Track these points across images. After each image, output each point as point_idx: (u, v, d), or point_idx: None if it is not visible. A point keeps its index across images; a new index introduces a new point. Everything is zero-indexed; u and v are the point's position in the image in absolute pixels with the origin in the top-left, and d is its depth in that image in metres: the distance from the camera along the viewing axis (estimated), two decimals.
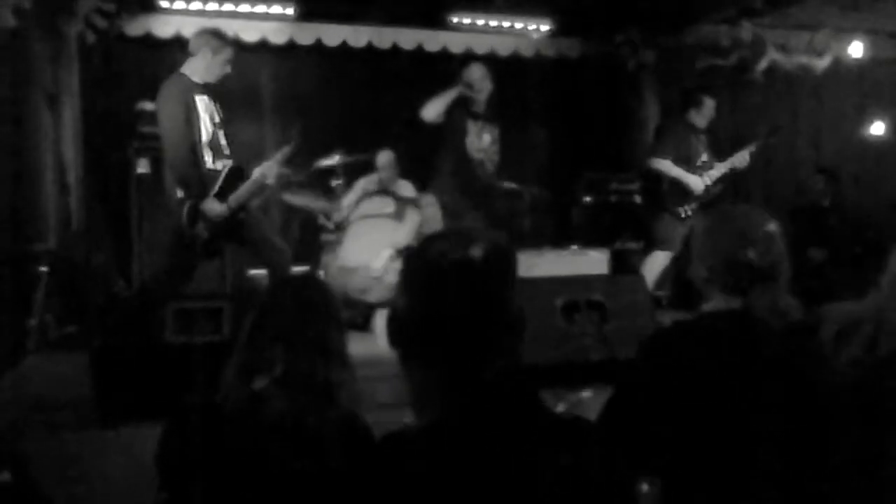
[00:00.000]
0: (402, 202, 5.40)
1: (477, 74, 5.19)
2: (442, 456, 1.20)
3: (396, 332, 1.31)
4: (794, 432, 1.46)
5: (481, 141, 5.21)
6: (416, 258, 1.35)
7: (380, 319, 4.92)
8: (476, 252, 1.29)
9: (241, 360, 1.83)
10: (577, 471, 1.24)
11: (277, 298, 1.91)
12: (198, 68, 4.37)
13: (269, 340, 1.82)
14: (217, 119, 4.43)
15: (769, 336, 1.67)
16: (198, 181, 4.29)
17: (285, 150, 4.57)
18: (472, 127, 5.18)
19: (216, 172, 4.34)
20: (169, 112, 4.27)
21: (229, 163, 4.41)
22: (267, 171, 4.46)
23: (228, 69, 4.44)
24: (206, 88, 4.40)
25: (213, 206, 4.27)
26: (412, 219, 5.37)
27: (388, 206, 5.35)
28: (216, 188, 4.32)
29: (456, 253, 1.28)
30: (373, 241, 5.17)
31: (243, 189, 4.39)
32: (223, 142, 4.44)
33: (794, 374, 1.53)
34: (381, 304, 4.96)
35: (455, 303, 1.25)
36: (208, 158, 4.35)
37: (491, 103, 5.30)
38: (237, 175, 4.41)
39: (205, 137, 4.36)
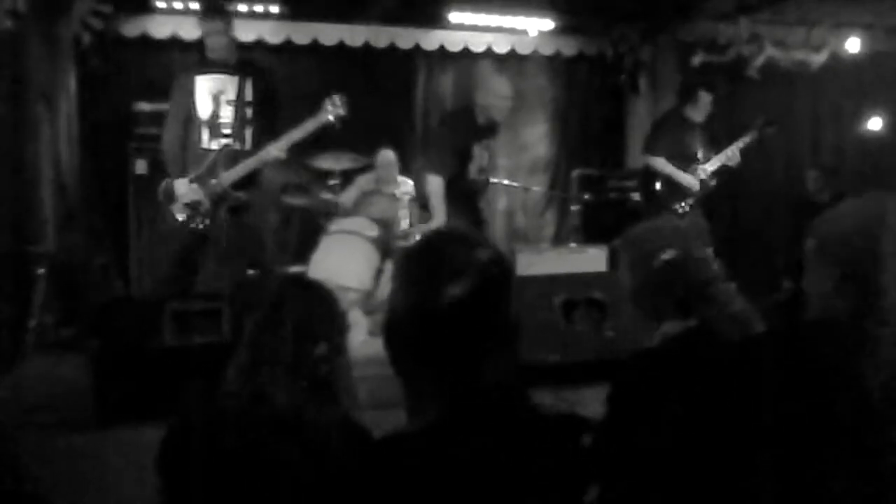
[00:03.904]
0: (386, 233, 5.30)
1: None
2: (438, 457, 1.20)
3: (394, 333, 1.31)
4: (770, 444, 1.46)
5: (482, 160, 5.17)
6: (415, 260, 1.34)
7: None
8: (475, 254, 1.28)
9: (245, 360, 1.83)
10: (572, 469, 1.24)
11: (282, 299, 1.90)
12: (208, 48, 4.42)
13: (273, 340, 1.82)
14: (231, 97, 4.36)
15: (726, 350, 1.68)
16: (180, 160, 4.29)
17: (315, 124, 4.42)
18: (477, 149, 5.11)
19: (209, 152, 4.30)
20: (172, 92, 4.40)
21: (226, 142, 4.33)
22: (277, 147, 4.33)
23: (223, 39, 4.38)
24: (230, 67, 4.39)
25: (180, 186, 4.23)
26: (389, 253, 5.21)
27: (372, 230, 5.24)
28: (203, 168, 4.27)
29: (455, 255, 1.28)
30: (341, 260, 5.02)
31: (241, 166, 4.30)
32: (224, 120, 4.35)
33: (755, 380, 1.52)
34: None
35: (454, 304, 1.25)
36: (205, 137, 4.31)
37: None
38: (232, 156, 4.32)
39: (203, 116, 4.32)
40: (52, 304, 4.85)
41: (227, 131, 4.35)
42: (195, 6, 6.15)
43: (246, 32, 6.41)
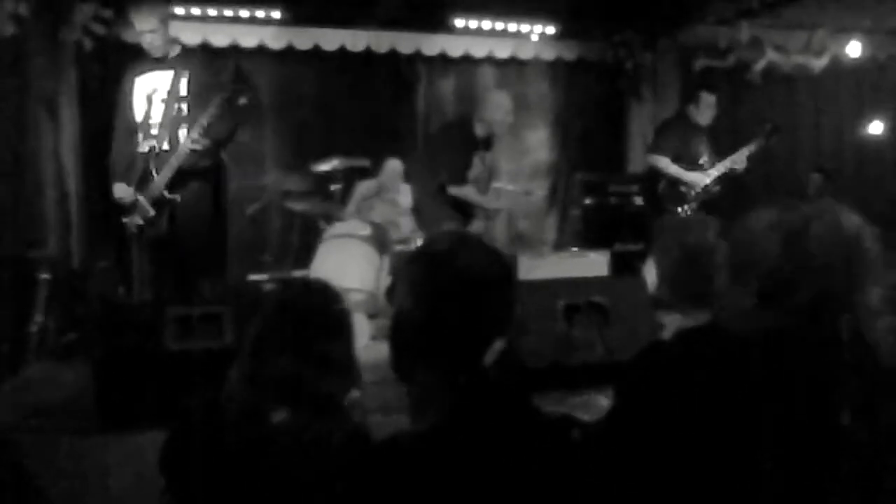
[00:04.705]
0: (380, 231, 5.30)
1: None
2: (440, 460, 1.20)
3: (401, 335, 1.31)
4: (786, 436, 1.46)
5: (478, 169, 5.19)
6: (422, 263, 1.34)
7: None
8: (483, 260, 1.29)
9: (246, 369, 1.81)
10: (571, 471, 1.24)
11: (284, 306, 1.87)
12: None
13: (274, 349, 1.80)
14: (163, 94, 4.15)
15: (741, 346, 1.67)
16: (123, 169, 4.18)
17: (216, 104, 4.03)
18: (476, 159, 5.14)
19: (141, 155, 4.15)
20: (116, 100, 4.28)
21: (152, 144, 4.13)
22: (191, 139, 4.05)
23: (158, 36, 4.17)
24: (165, 62, 4.22)
25: (118, 190, 4.13)
26: (385, 249, 5.23)
27: (364, 229, 5.24)
28: (140, 174, 4.12)
29: (462, 258, 1.29)
30: (340, 263, 5.00)
31: (167, 167, 4.07)
32: (154, 121, 4.16)
33: (771, 377, 1.52)
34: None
35: (461, 307, 1.25)
36: (140, 140, 4.17)
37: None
38: (164, 157, 4.10)
39: (139, 118, 4.18)
40: (54, 310, 4.84)
41: (154, 132, 4.15)
42: (197, 12, 6.18)
43: (247, 38, 6.43)
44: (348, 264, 5.01)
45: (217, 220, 4.41)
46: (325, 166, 6.08)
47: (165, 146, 4.13)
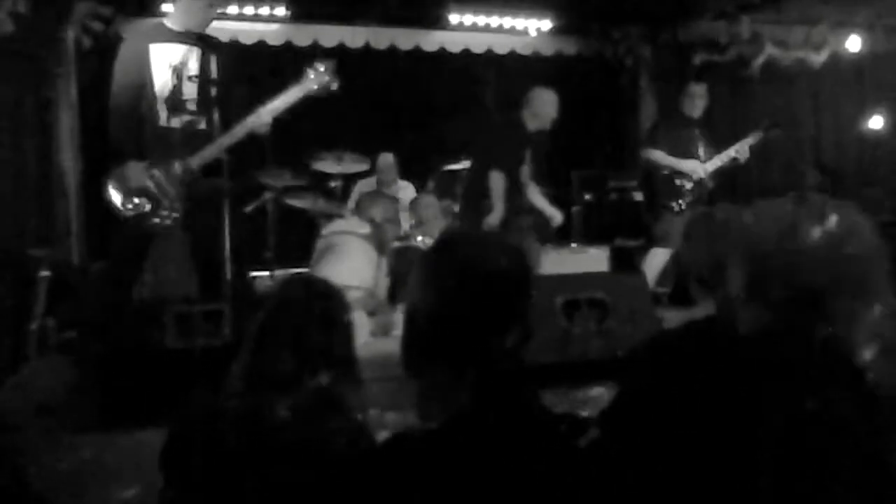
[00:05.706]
0: (379, 229, 5.30)
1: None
2: (449, 457, 1.20)
3: (414, 330, 1.31)
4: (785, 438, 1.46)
5: (528, 169, 5.28)
6: (439, 260, 1.34)
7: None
8: (500, 256, 1.29)
9: (247, 366, 1.81)
10: (577, 469, 1.24)
11: (285, 303, 1.87)
12: (177, 15, 3.92)
13: (275, 347, 1.80)
14: (193, 72, 3.83)
15: (736, 340, 1.67)
16: (135, 141, 3.79)
17: (290, 95, 3.90)
18: (529, 154, 5.23)
19: (169, 131, 3.81)
20: (117, 59, 3.92)
21: (190, 119, 3.83)
22: (257, 117, 3.80)
23: (213, 13, 3.94)
24: (192, 38, 3.89)
25: (133, 172, 3.73)
26: (384, 248, 5.23)
27: (363, 227, 5.23)
28: (165, 149, 3.78)
29: (481, 257, 1.29)
30: (340, 260, 5.01)
31: (214, 146, 3.76)
32: (187, 97, 3.82)
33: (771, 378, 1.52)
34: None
35: (475, 303, 1.25)
36: (162, 115, 3.81)
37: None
38: (201, 136, 3.82)
39: (160, 90, 3.81)
40: (54, 307, 4.84)
41: (190, 107, 3.81)
42: None
43: (247, 35, 6.43)
44: (348, 261, 5.00)
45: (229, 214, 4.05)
46: (324, 163, 6.08)
47: (203, 126, 3.85)
